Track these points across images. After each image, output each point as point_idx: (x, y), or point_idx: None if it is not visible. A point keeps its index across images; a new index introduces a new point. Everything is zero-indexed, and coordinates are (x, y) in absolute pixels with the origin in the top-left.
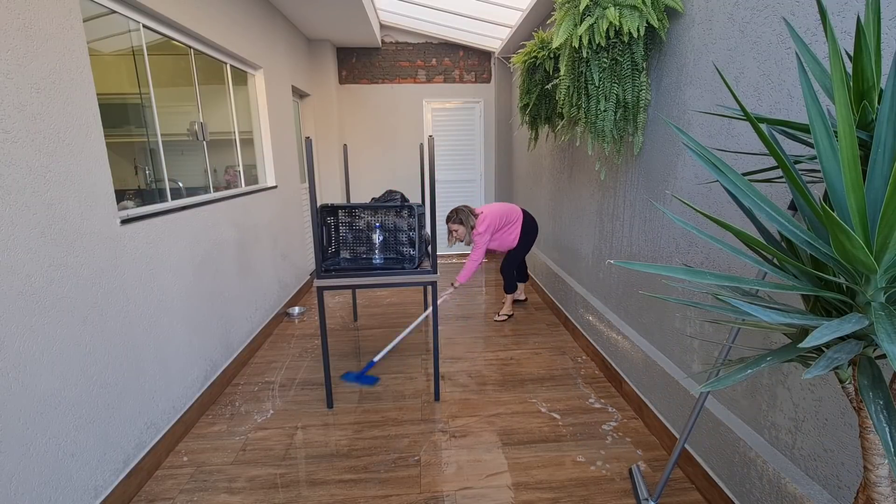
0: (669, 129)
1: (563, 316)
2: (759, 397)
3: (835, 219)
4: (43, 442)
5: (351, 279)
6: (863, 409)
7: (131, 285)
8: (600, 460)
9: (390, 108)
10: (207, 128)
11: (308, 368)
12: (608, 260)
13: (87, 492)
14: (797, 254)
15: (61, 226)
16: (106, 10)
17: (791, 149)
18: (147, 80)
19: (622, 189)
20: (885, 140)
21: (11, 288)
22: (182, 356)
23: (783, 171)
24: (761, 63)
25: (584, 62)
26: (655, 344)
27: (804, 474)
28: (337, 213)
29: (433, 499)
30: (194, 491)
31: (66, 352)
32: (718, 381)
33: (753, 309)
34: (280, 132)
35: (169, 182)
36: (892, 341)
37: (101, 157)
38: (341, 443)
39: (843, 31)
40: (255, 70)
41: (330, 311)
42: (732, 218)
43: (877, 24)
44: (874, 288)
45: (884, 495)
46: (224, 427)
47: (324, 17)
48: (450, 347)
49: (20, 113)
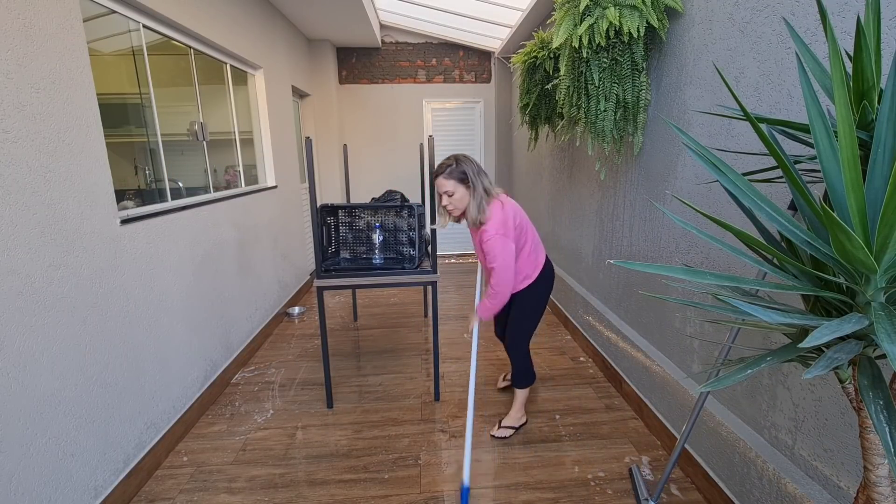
0: (669, 129)
1: (563, 316)
2: (759, 397)
3: (835, 219)
4: (43, 442)
5: (351, 279)
6: (863, 409)
7: (131, 285)
8: (600, 460)
9: (390, 108)
10: (207, 128)
11: (308, 368)
12: (608, 260)
13: (87, 492)
14: (797, 254)
15: (61, 226)
16: (106, 10)
17: (791, 149)
18: (147, 80)
19: (622, 189)
20: (885, 140)
21: (11, 288)
22: (182, 356)
23: (783, 171)
24: (761, 63)
25: (584, 62)
26: (655, 344)
27: (804, 474)
28: (337, 213)
29: (433, 499)
30: (194, 491)
31: (66, 352)
32: (718, 381)
33: (753, 309)
34: (280, 132)
35: (169, 182)
36: (892, 341)
37: (101, 157)
38: (341, 443)
39: (843, 31)
40: (255, 70)
41: (330, 311)
42: (732, 218)
43: (877, 24)
44: (874, 288)
45: (884, 495)
46: (224, 427)
47: (324, 17)
48: (450, 347)
49: (20, 113)
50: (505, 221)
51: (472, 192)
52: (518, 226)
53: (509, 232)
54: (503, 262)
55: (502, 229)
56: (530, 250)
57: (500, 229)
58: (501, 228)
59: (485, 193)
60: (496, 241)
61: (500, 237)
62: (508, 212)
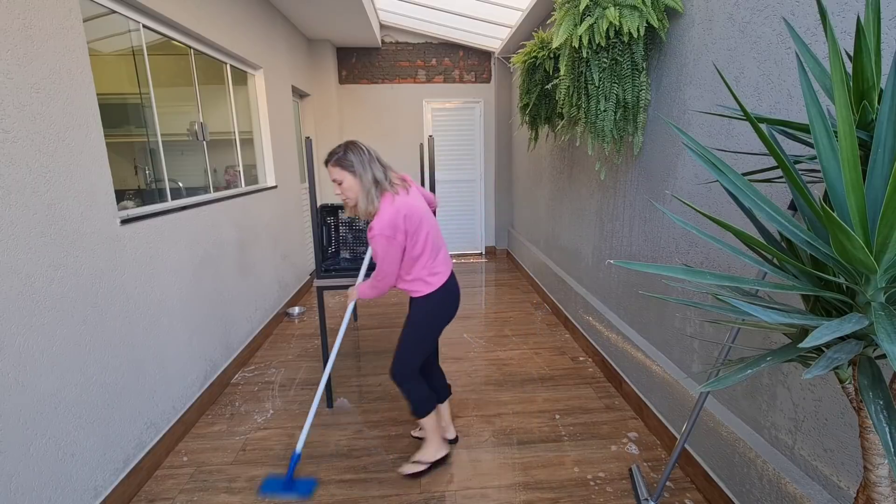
0: (669, 129)
1: (563, 316)
2: (759, 397)
3: (835, 219)
4: (43, 442)
5: (351, 279)
6: (863, 409)
7: (131, 285)
8: (600, 460)
9: (390, 108)
10: (207, 128)
11: (308, 368)
12: (608, 260)
13: (87, 492)
14: (797, 254)
15: (61, 226)
16: (106, 10)
17: (791, 149)
18: (147, 80)
19: (622, 189)
20: (885, 140)
21: (11, 288)
22: (182, 356)
23: (783, 171)
24: (761, 63)
25: (584, 62)
26: (655, 344)
27: (804, 474)
28: (337, 212)
29: (433, 499)
30: (194, 491)
31: (66, 352)
32: (718, 381)
33: (753, 309)
34: (280, 132)
35: (169, 182)
36: (892, 341)
37: (101, 156)
38: (341, 443)
39: (843, 31)
40: (255, 70)
41: (330, 311)
42: (732, 218)
43: (877, 24)
44: (874, 288)
45: (884, 495)
46: (224, 427)
47: (324, 17)
48: (450, 347)
49: (20, 113)
50: (393, 222)
51: (360, 182)
52: (412, 232)
53: (397, 234)
54: (385, 267)
55: (388, 230)
56: (425, 264)
57: (386, 230)
58: (388, 229)
59: (374, 184)
60: (378, 241)
61: (383, 238)
62: (399, 211)
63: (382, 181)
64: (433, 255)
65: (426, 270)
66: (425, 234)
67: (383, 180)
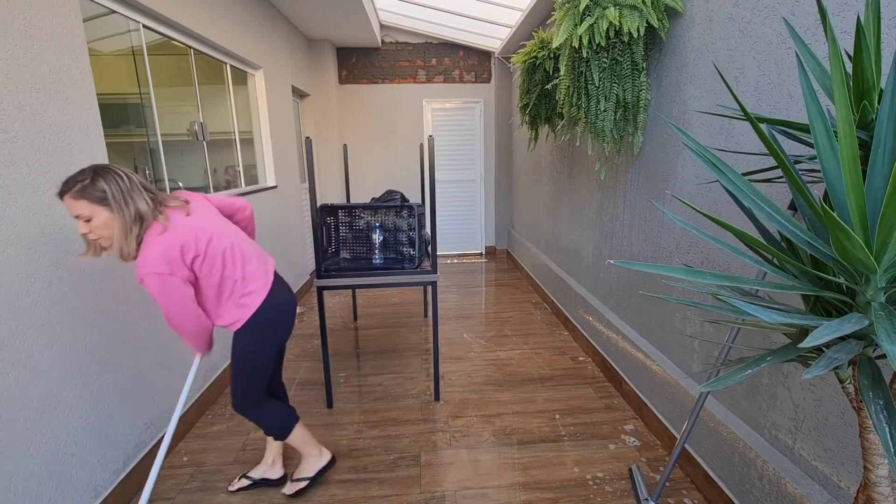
0: (669, 129)
1: (563, 316)
2: (759, 397)
3: (835, 219)
4: (43, 442)
5: (351, 279)
6: (863, 409)
7: (131, 285)
8: (600, 460)
9: (390, 108)
10: (207, 128)
11: (308, 368)
12: (608, 260)
13: (87, 492)
14: (797, 254)
15: (61, 226)
16: (106, 10)
17: (791, 149)
18: (147, 80)
19: (622, 189)
20: (885, 140)
21: (11, 288)
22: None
23: (783, 171)
24: (761, 63)
25: (584, 62)
26: (655, 344)
27: (804, 474)
28: (337, 213)
29: (433, 499)
30: (194, 491)
31: (66, 352)
32: (718, 381)
33: (753, 309)
34: (280, 132)
35: (169, 182)
36: (892, 341)
37: (101, 156)
38: (341, 443)
39: (843, 31)
40: (255, 70)
41: (330, 311)
42: (732, 218)
43: (877, 24)
44: (874, 288)
45: (884, 495)
46: (224, 427)
47: (324, 17)
48: (450, 347)
49: (20, 113)
50: (167, 255)
51: (120, 219)
52: (202, 256)
53: (175, 270)
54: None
55: (162, 266)
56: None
57: (158, 266)
58: (160, 266)
59: (137, 221)
60: (152, 282)
61: (156, 278)
62: (175, 240)
63: (147, 214)
64: (240, 272)
65: (237, 293)
66: (222, 251)
67: (148, 213)
